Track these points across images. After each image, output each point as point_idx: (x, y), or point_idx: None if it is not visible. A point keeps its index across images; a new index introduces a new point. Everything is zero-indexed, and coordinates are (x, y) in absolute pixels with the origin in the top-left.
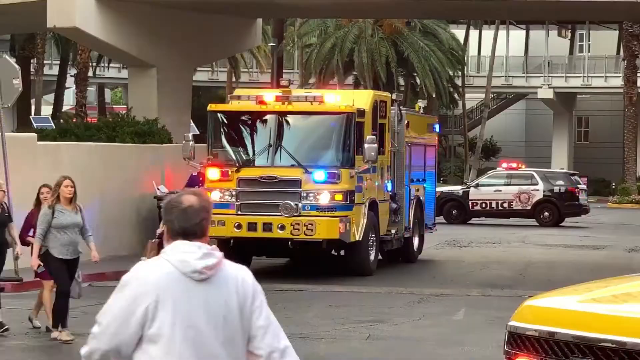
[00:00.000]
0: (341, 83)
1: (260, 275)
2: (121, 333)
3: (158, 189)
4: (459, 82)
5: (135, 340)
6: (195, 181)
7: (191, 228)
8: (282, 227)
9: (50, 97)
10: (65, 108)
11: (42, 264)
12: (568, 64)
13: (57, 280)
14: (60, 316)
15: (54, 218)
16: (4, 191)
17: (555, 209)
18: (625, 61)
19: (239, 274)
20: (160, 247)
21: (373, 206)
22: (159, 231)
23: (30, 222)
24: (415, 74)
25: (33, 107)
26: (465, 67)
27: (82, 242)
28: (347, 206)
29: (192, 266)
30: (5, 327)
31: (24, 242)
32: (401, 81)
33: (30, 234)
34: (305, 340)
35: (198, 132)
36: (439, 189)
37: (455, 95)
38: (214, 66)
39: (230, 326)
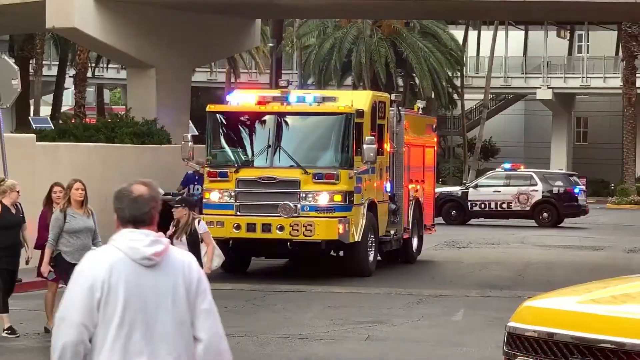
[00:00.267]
0: (340, 84)
1: (259, 276)
2: (88, 322)
3: None
4: (457, 82)
5: (95, 327)
6: (191, 180)
7: (141, 216)
8: (281, 228)
9: (49, 98)
10: (64, 109)
11: (52, 270)
12: (567, 64)
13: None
14: None
15: (65, 222)
16: (17, 192)
17: (554, 210)
18: (624, 62)
19: (185, 260)
20: None
21: (372, 207)
22: (168, 233)
23: (45, 222)
24: (414, 75)
25: (32, 108)
26: (464, 68)
27: None
28: (346, 207)
29: (142, 253)
30: (17, 334)
31: (43, 246)
32: (400, 82)
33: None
34: (304, 341)
35: (197, 133)
36: (438, 190)
37: (454, 96)
38: (212, 67)
39: (178, 309)
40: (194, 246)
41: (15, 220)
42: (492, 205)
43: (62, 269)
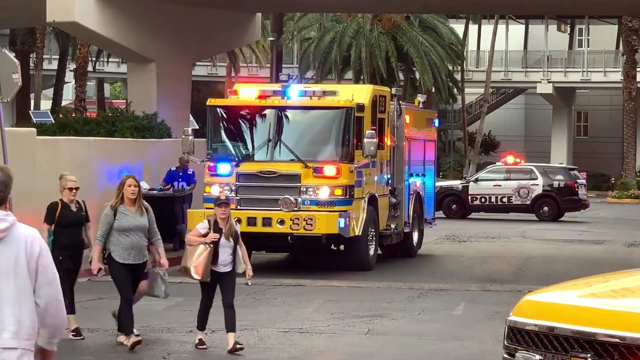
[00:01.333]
0: (340, 77)
1: (260, 270)
2: None
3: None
4: (458, 76)
5: None
6: (175, 176)
7: None
8: (282, 222)
9: (50, 92)
10: (64, 102)
11: (102, 267)
12: (567, 58)
13: (119, 288)
14: (125, 323)
15: (115, 220)
16: (77, 188)
17: (555, 204)
18: (625, 56)
19: (29, 235)
20: (214, 253)
21: (372, 201)
22: (212, 235)
23: None
24: (414, 69)
25: (32, 102)
26: (464, 62)
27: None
28: (347, 201)
29: None
30: (81, 336)
31: None
32: (400, 76)
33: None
34: (304, 335)
35: (197, 127)
36: (438, 184)
37: (455, 90)
38: (213, 61)
39: (20, 278)
40: (235, 249)
41: (75, 218)
42: (493, 199)
43: (112, 268)
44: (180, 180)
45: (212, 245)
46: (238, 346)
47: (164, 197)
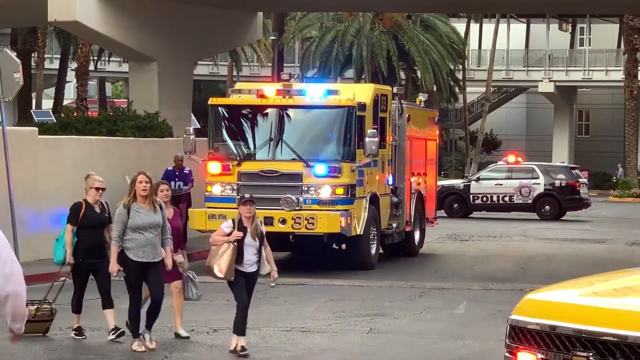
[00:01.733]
0: (341, 76)
1: None
2: None
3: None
4: (459, 75)
5: None
6: (172, 176)
7: None
8: (284, 221)
9: (51, 91)
10: (66, 102)
11: (121, 269)
12: (569, 57)
13: (128, 288)
14: (135, 325)
15: (129, 218)
16: (103, 189)
17: (556, 203)
18: (626, 55)
19: None
20: (239, 252)
21: (374, 200)
22: (236, 234)
23: None
24: (416, 68)
25: (34, 101)
26: (465, 61)
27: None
28: (348, 200)
29: None
30: (120, 330)
31: None
32: (402, 75)
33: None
34: (306, 334)
35: (199, 126)
36: (440, 183)
37: (456, 89)
38: (215, 60)
39: None
40: (261, 250)
41: (98, 219)
42: (494, 198)
43: (126, 267)
44: (176, 179)
45: (235, 244)
46: (242, 353)
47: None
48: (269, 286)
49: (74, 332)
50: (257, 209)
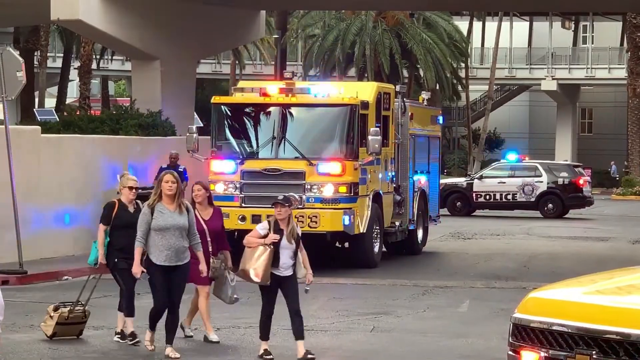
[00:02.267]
0: (344, 75)
1: None
2: None
3: None
4: (462, 73)
5: None
6: None
7: None
8: None
9: (54, 90)
10: (68, 100)
11: (145, 270)
12: (572, 55)
13: (153, 293)
14: (152, 326)
15: (153, 219)
16: (137, 188)
17: (559, 201)
18: (629, 52)
19: None
20: (275, 255)
21: (377, 198)
22: (272, 237)
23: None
24: (418, 66)
25: (37, 100)
26: (468, 59)
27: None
28: (351, 198)
29: None
30: (137, 339)
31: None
32: (405, 73)
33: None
34: (309, 333)
35: (202, 125)
36: (442, 181)
37: (459, 87)
38: (218, 58)
39: None
40: (297, 253)
41: (131, 219)
42: (497, 197)
43: (149, 271)
44: None
45: (272, 247)
46: (309, 356)
47: (143, 195)
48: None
49: (128, 337)
50: (260, 207)
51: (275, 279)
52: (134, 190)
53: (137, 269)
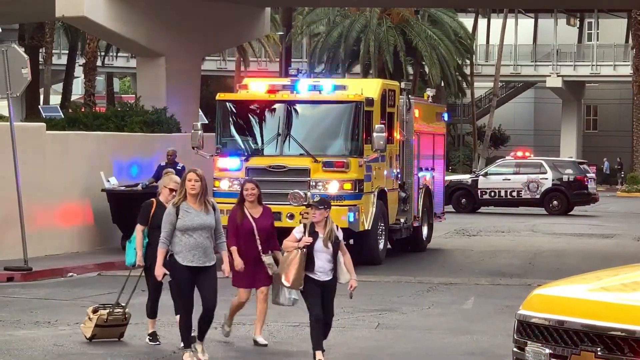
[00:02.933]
0: (349, 72)
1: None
2: None
3: (108, 180)
4: (467, 70)
5: None
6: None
7: None
8: (291, 216)
9: (59, 87)
10: (74, 97)
11: (167, 273)
12: (577, 52)
13: (178, 295)
14: (186, 333)
15: (178, 219)
16: (170, 189)
17: (564, 198)
18: (634, 49)
19: None
20: (309, 258)
21: (382, 195)
22: (305, 240)
23: (234, 222)
24: (423, 63)
25: (42, 97)
26: (473, 56)
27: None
28: (356, 195)
29: None
30: (157, 341)
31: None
32: (410, 70)
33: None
34: None
35: (207, 121)
36: (447, 178)
37: (464, 84)
38: (222, 55)
39: None
40: (335, 255)
41: None
42: (502, 193)
43: (173, 272)
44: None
45: (304, 250)
46: None
47: (132, 193)
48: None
49: (148, 337)
50: (266, 204)
51: (315, 283)
52: (173, 193)
53: (159, 271)
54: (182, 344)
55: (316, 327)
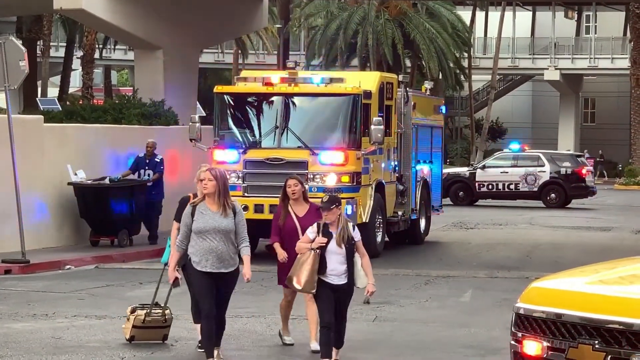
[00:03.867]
0: (347, 65)
1: (267, 257)
2: None
3: (75, 174)
4: (465, 63)
5: None
6: (142, 164)
7: None
8: None
9: (57, 79)
10: (71, 90)
11: (179, 277)
12: (574, 45)
13: (199, 299)
14: (205, 344)
15: (193, 220)
16: (201, 180)
17: (562, 191)
18: (632, 42)
19: None
20: (321, 260)
21: (380, 188)
22: (319, 240)
23: (276, 222)
24: (421, 56)
25: (39, 89)
26: (471, 49)
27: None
28: (354, 188)
29: None
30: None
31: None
32: (407, 63)
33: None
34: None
35: (204, 114)
36: (445, 171)
37: (462, 77)
38: (220, 47)
39: None
40: (350, 257)
41: None
42: (500, 186)
43: (189, 276)
44: (146, 168)
45: (318, 251)
46: None
47: (98, 187)
48: (273, 274)
49: (198, 344)
50: (262, 196)
51: (327, 287)
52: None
53: (171, 274)
54: (210, 355)
55: (326, 334)
